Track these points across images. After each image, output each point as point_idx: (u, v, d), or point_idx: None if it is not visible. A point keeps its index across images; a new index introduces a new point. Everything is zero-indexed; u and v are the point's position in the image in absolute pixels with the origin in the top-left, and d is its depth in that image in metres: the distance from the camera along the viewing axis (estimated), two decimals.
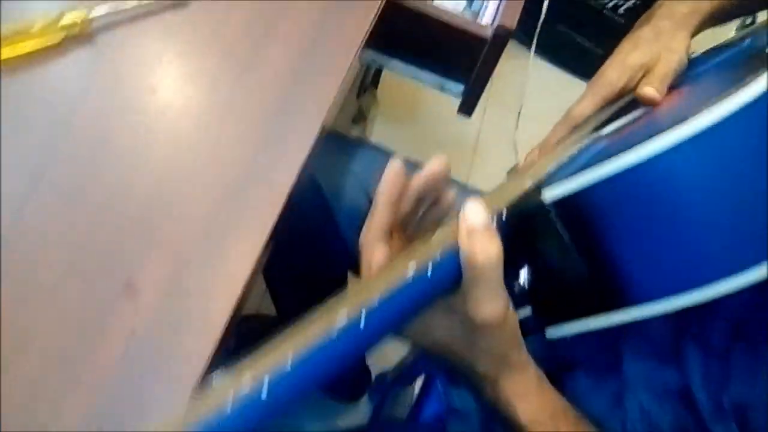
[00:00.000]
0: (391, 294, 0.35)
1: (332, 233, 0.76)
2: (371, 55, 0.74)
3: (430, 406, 0.85)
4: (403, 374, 1.22)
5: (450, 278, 0.39)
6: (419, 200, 0.47)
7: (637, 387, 0.53)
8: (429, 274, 0.37)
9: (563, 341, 0.59)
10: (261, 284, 1.02)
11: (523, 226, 0.45)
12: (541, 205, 0.44)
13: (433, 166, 0.46)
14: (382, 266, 0.42)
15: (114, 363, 0.45)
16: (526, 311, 0.49)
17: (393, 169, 0.44)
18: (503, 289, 0.41)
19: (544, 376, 0.48)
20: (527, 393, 0.45)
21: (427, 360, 1.05)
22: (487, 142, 1.87)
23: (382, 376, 1.33)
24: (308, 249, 0.76)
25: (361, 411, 1.34)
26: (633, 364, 0.54)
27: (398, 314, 0.36)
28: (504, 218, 0.43)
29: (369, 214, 0.45)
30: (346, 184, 0.76)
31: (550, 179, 0.45)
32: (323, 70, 0.63)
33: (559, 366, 0.56)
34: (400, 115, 1.79)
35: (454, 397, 0.65)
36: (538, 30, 1.87)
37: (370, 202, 0.74)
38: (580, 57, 1.91)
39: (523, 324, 0.49)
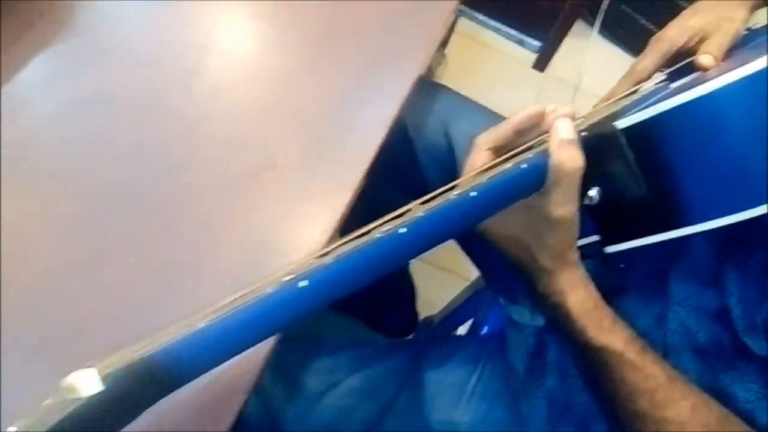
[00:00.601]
0: (495, 178, 0.43)
1: (413, 166, 0.84)
2: (460, 7, 0.82)
3: (487, 324, 0.93)
4: (448, 319, 1.31)
5: (536, 177, 0.47)
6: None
7: (680, 306, 0.61)
8: (523, 166, 0.45)
9: (617, 268, 0.67)
10: None
11: (596, 151, 0.53)
12: (613, 132, 0.52)
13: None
14: (478, 168, 0.51)
15: (256, 227, 0.56)
16: (592, 238, 0.58)
17: (539, 107, 0.52)
18: (577, 195, 0.50)
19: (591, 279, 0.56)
20: (577, 286, 0.54)
21: (479, 296, 1.14)
22: None
23: (428, 320, 1.42)
24: (389, 179, 0.84)
25: None
26: (678, 286, 0.62)
27: (498, 196, 0.45)
28: (581, 140, 0.51)
29: (498, 125, 0.53)
30: (428, 123, 0.84)
31: (622, 113, 0.53)
32: (422, 21, 0.71)
33: (612, 289, 0.64)
34: (462, 82, 1.85)
35: (513, 312, 0.73)
36: (602, 9, 1.92)
37: (448, 140, 0.83)
38: (642, 38, 1.93)
39: (587, 248, 0.57)
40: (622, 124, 0.51)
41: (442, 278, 1.53)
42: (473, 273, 1.40)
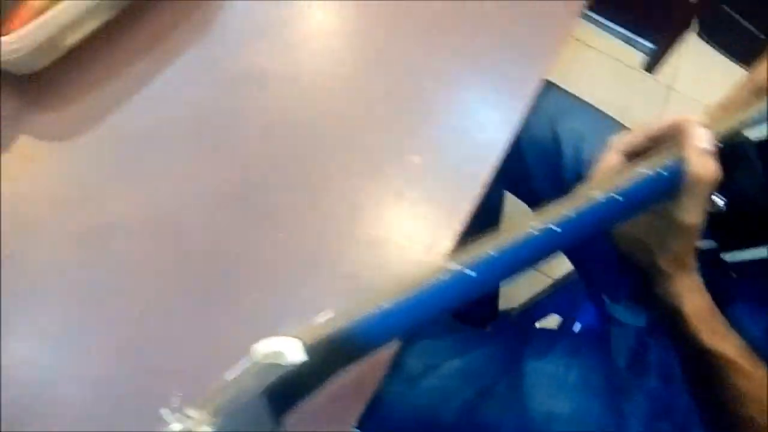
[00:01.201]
0: (637, 183, 0.45)
1: (518, 160, 0.86)
2: None
3: (579, 321, 0.95)
4: (527, 313, 1.32)
5: (674, 184, 0.49)
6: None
7: None
8: (662, 173, 0.47)
9: (728, 276, 0.67)
10: None
11: (725, 159, 0.54)
12: (744, 143, 0.53)
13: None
14: (611, 170, 0.53)
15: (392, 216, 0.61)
16: (708, 243, 0.59)
17: (678, 119, 0.53)
18: (707, 204, 0.51)
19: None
20: (693, 290, 0.56)
21: (558, 299, 1.15)
22: (632, 113, 1.91)
23: (506, 313, 1.44)
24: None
25: None
26: None
27: (639, 200, 0.47)
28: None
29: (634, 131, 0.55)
30: (535, 118, 0.85)
31: (751, 123, 0.54)
32: (548, 22, 0.74)
33: (722, 297, 0.65)
34: (559, 79, 1.84)
35: (616, 311, 0.75)
36: (701, 10, 1.87)
37: (555, 137, 0.84)
38: (743, 41, 1.87)
39: (703, 253, 0.58)
40: (755, 136, 0.52)
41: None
42: (554, 271, 1.41)
